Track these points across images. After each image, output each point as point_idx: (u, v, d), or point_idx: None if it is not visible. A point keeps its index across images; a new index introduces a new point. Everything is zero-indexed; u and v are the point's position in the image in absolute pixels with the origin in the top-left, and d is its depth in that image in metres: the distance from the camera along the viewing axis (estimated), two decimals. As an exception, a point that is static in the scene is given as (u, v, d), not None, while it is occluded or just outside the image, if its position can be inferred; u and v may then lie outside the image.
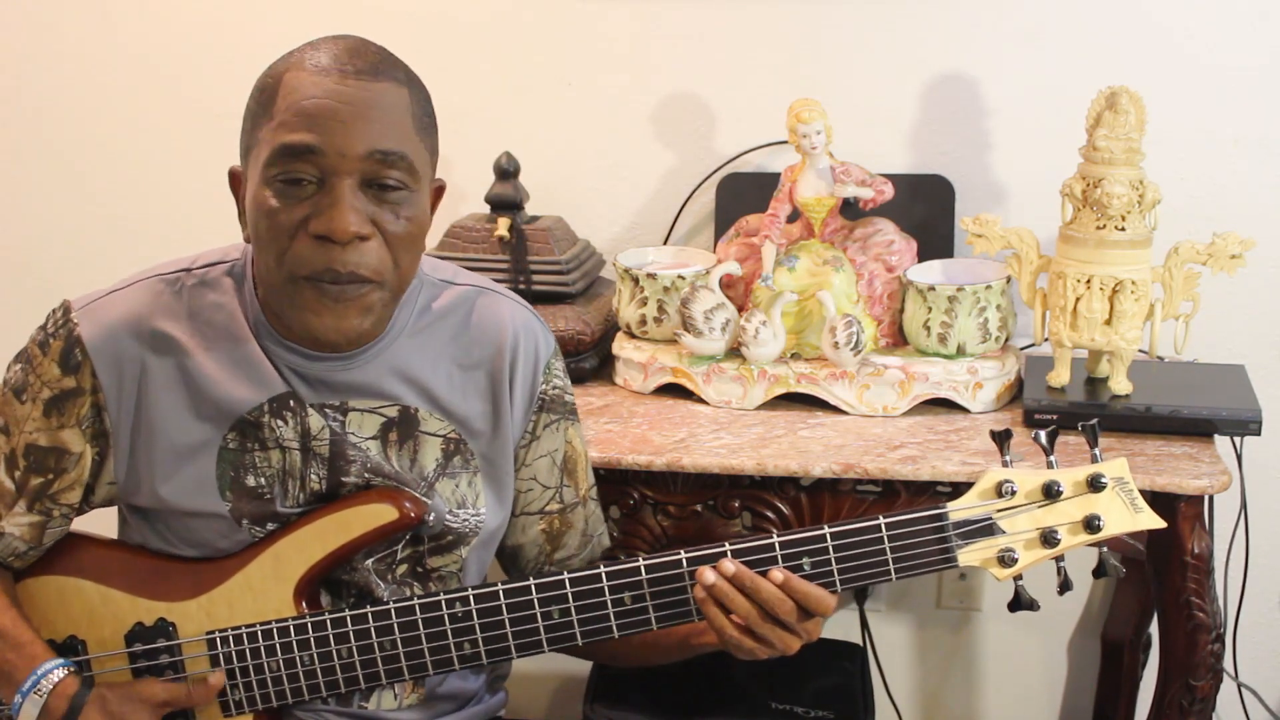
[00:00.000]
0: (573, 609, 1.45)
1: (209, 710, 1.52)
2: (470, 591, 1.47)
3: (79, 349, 1.47)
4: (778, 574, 1.40)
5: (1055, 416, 1.87)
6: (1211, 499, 1.84)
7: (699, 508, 1.88)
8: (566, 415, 1.61)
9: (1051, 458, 1.42)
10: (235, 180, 1.45)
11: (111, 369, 1.47)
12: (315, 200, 1.36)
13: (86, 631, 1.53)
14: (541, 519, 1.62)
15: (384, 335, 1.50)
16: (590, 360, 2.10)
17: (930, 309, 1.95)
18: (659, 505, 1.89)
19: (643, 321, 2.06)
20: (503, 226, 2.10)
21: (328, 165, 1.35)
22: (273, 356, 1.48)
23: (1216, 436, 1.87)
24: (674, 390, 2.03)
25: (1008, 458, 1.42)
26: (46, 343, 1.48)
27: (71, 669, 1.48)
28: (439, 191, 1.50)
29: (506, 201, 2.14)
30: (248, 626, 1.50)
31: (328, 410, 1.49)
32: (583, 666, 2.05)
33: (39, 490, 1.51)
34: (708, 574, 1.41)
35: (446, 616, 1.47)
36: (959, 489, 1.78)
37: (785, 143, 2.08)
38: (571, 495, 1.63)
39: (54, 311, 1.50)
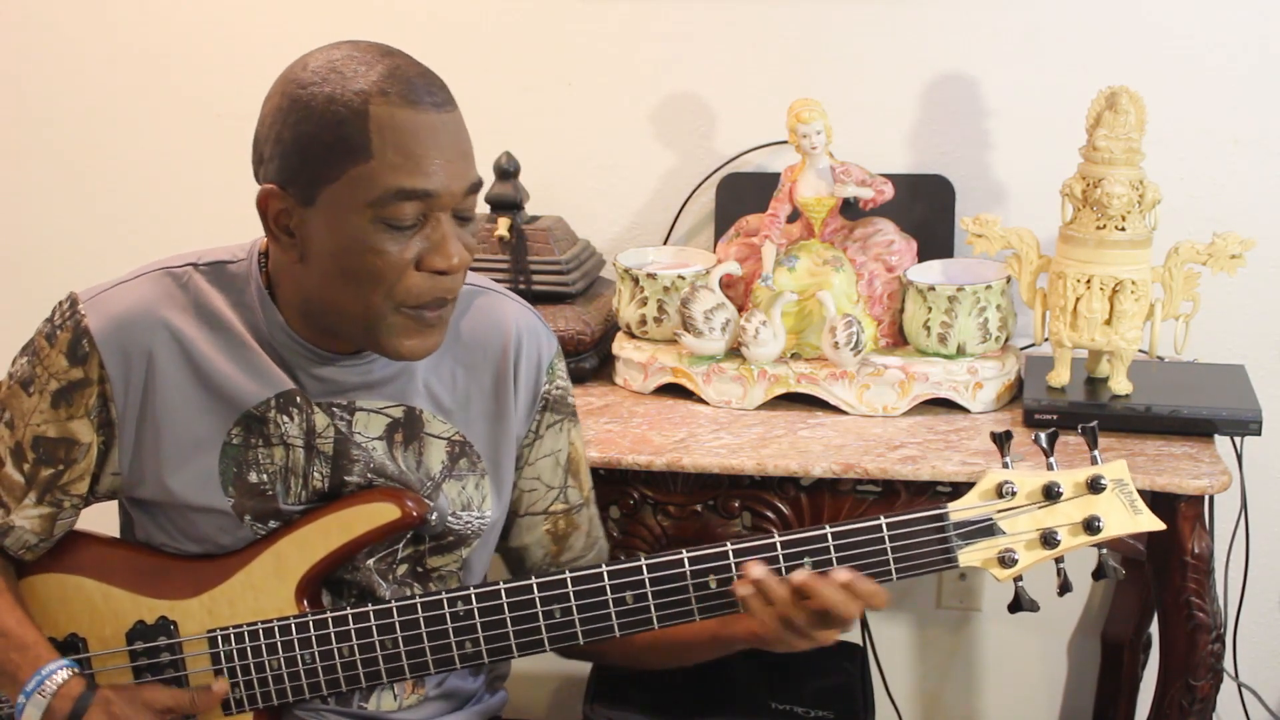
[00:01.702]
0: (574, 608, 1.45)
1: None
2: (472, 590, 1.47)
3: (87, 340, 1.47)
4: (842, 574, 1.40)
5: (1055, 416, 1.87)
6: (1211, 499, 1.84)
7: (699, 508, 1.88)
8: (569, 416, 1.61)
9: (1051, 459, 1.42)
10: (269, 202, 1.40)
11: (119, 360, 1.47)
12: (423, 236, 1.37)
13: (88, 629, 1.53)
14: (546, 519, 1.62)
15: None
16: (590, 360, 2.10)
17: (930, 309, 1.95)
18: (659, 505, 1.89)
19: (643, 321, 2.06)
20: (503, 226, 2.10)
21: (435, 204, 1.36)
22: (282, 353, 1.48)
23: (1216, 436, 1.87)
24: (674, 390, 2.03)
25: (1008, 459, 1.43)
26: (54, 334, 1.48)
27: (75, 670, 1.48)
28: None
29: (506, 201, 2.14)
30: (249, 625, 1.50)
31: (335, 409, 1.50)
32: (583, 666, 2.04)
33: (49, 482, 1.51)
34: (755, 569, 1.41)
35: (448, 615, 1.47)
36: (959, 489, 1.78)
37: (785, 143, 2.08)
38: (576, 496, 1.63)
39: (61, 303, 1.50)
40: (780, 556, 1.42)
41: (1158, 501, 1.71)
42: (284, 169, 1.37)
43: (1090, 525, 1.39)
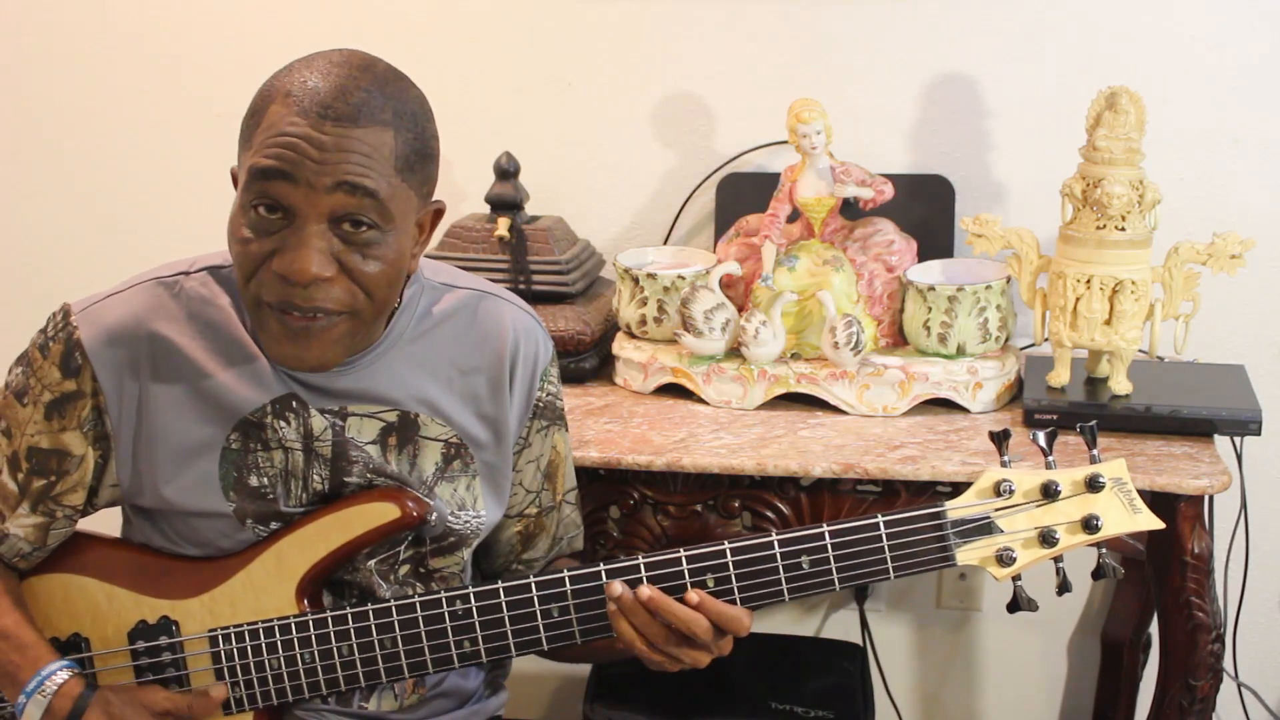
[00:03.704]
0: (572, 607, 1.45)
1: (210, 708, 1.52)
2: (470, 590, 1.47)
3: (79, 352, 1.47)
4: (693, 596, 1.41)
5: (1055, 416, 1.87)
6: (1211, 499, 1.84)
7: (699, 508, 1.88)
8: (555, 421, 1.62)
9: (1050, 458, 1.42)
10: (235, 182, 1.45)
11: (112, 372, 1.47)
12: (282, 236, 1.36)
13: (90, 629, 1.54)
14: (519, 521, 1.63)
15: (384, 340, 1.50)
16: (590, 360, 2.10)
17: (930, 309, 1.95)
18: (659, 505, 1.89)
19: (643, 321, 2.06)
20: (503, 226, 2.10)
21: (297, 198, 1.34)
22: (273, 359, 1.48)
23: (1216, 436, 1.87)
24: (674, 390, 2.03)
25: (1006, 458, 1.42)
26: (47, 346, 1.48)
27: (76, 671, 1.48)
28: (438, 214, 1.48)
29: (506, 201, 2.14)
30: (249, 624, 1.50)
31: (328, 414, 1.50)
32: (583, 666, 2.05)
33: (42, 492, 1.51)
34: (615, 586, 1.42)
35: (447, 615, 1.47)
36: (959, 489, 1.78)
37: (785, 143, 2.08)
38: (549, 500, 1.64)
39: (54, 315, 1.50)
40: (778, 555, 1.42)
41: (1158, 501, 1.71)
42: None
43: (1089, 524, 1.39)
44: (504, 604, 1.46)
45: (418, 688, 1.59)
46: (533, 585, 1.46)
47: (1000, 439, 1.43)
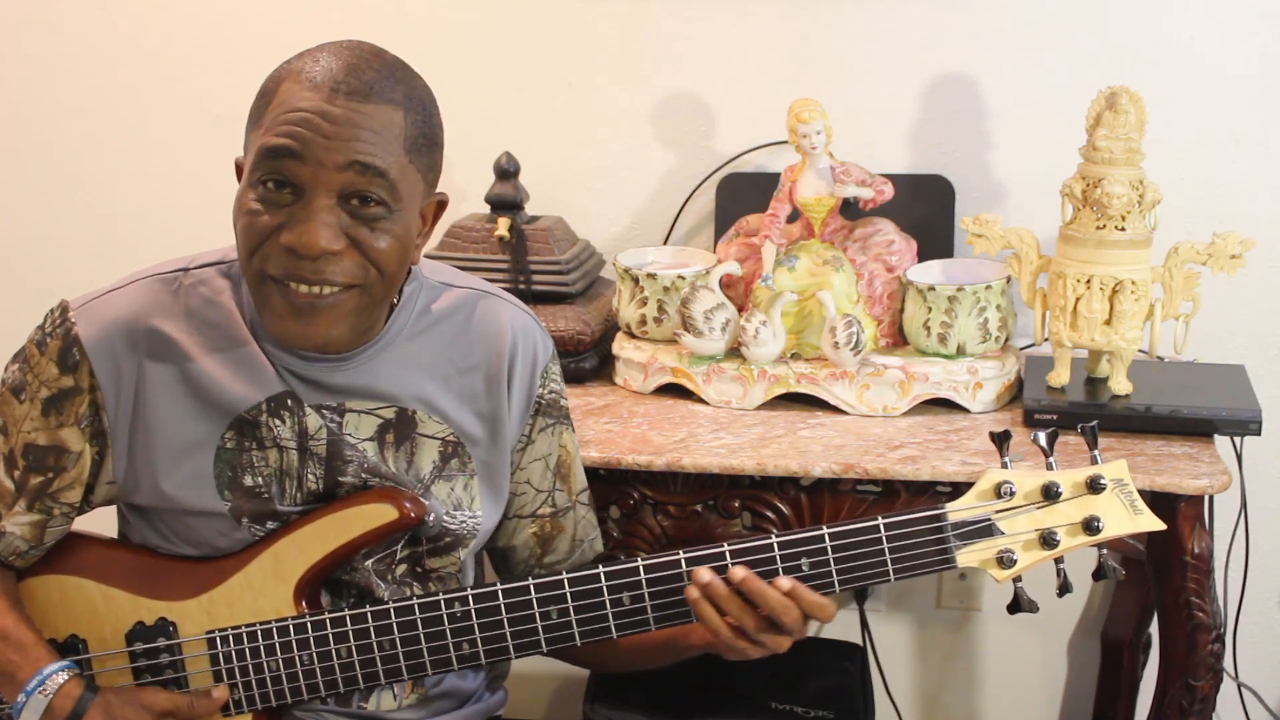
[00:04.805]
0: (571, 609, 1.45)
1: (208, 710, 1.52)
2: (469, 591, 1.47)
3: (77, 348, 1.47)
4: (784, 582, 1.40)
5: (1055, 416, 1.87)
6: (1211, 499, 1.84)
7: (699, 508, 1.88)
8: (561, 419, 1.61)
9: (1051, 459, 1.42)
10: (240, 171, 1.45)
11: (109, 368, 1.47)
12: (291, 210, 1.36)
13: (88, 630, 1.54)
14: (533, 522, 1.62)
15: (382, 336, 1.50)
16: (590, 360, 2.10)
17: (930, 309, 1.95)
18: (659, 505, 1.89)
19: (643, 321, 2.06)
20: (503, 226, 2.10)
21: (306, 175, 1.35)
22: (270, 356, 1.48)
23: (1216, 436, 1.87)
24: (674, 390, 2.03)
25: (1007, 459, 1.42)
26: (44, 342, 1.49)
27: (75, 672, 1.48)
28: (440, 206, 1.49)
29: (506, 201, 2.14)
30: (247, 626, 1.50)
31: (325, 411, 1.50)
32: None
33: (39, 489, 1.51)
34: (703, 573, 1.41)
35: (445, 616, 1.47)
36: (959, 489, 1.78)
37: (785, 143, 2.08)
38: (564, 499, 1.63)
39: (51, 311, 1.50)
40: (778, 557, 1.42)
41: (1158, 501, 1.71)
42: (244, 140, 1.43)
43: (1090, 525, 1.39)
44: (502, 606, 1.47)
45: (416, 687, 1.59)
46: (531, 587, 1.46)
47: (1001, 440, 1.43)
